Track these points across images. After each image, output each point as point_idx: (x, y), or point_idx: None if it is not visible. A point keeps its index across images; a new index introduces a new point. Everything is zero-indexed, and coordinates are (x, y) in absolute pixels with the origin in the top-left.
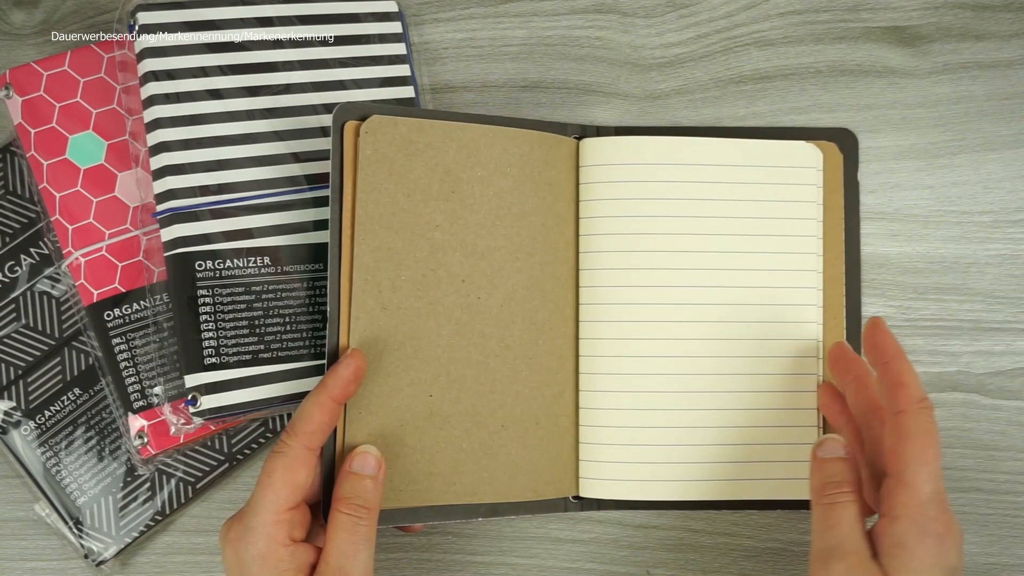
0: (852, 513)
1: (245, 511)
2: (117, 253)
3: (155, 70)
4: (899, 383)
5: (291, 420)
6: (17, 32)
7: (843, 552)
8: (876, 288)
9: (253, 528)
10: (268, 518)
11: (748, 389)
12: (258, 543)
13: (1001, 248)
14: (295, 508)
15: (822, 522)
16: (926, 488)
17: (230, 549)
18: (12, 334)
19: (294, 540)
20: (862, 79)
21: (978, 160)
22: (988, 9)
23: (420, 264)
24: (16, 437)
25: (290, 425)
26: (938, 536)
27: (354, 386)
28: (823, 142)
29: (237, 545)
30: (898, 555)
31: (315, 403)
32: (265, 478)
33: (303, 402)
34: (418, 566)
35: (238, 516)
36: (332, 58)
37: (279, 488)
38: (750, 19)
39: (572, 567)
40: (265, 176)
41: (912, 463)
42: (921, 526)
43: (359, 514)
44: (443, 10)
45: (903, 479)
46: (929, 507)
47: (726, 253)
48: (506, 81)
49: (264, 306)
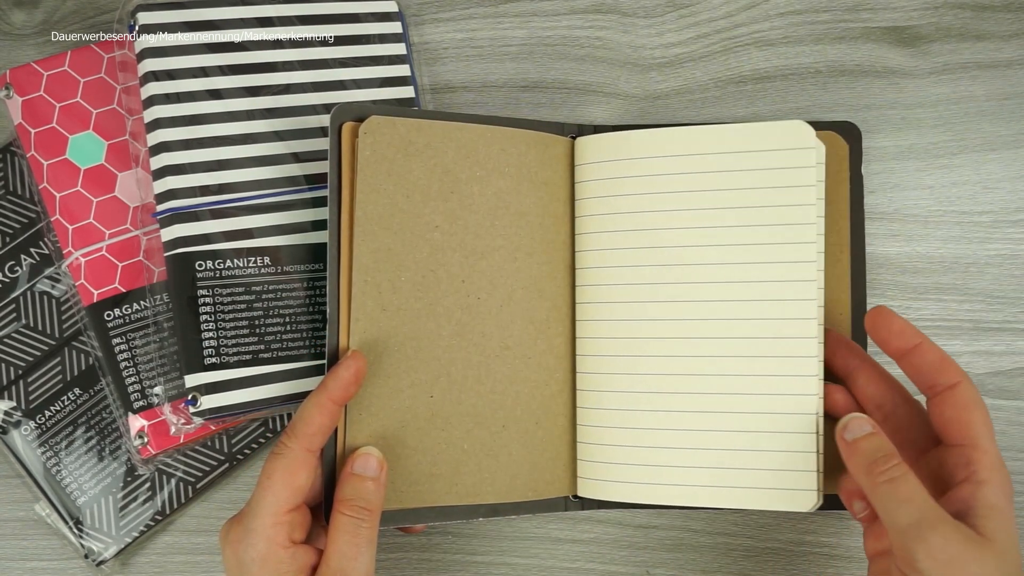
0: (915, 481)
1: (245, 513)
2: (117, 253)
3: (155, 70)
4: (943, 359)
5: (291, 422)
6: (17, 32)
7: (932, 521)
8: (876, 288)
9: (253, 530)
10: (268, 520)
11: (747, 391)
12: (258, 545)
13: (1001, 248)
14: (295, 510)
15: (891, 500)
16: (997, 453)
17: (230, 551)
18: (12, 334)
19: (294, 542)
20: (862, 79)
21: (978, 160)
22: (988, 9)
23: (420, 265)
24: (16, 437)
25: (290, 427)
26: (1011, 497)
27: (354, 388)
28: (826, 132)
29: (237, 547)
30: (993, 516)
31: (315, 405)
32: (265, 480)
33: (303, 404)
34: (418, 566)
35: (238, 518)
36: (332, 58)
37: (279, 490)
38: (750, 19)
39: (572, 567)
40: (265, 176)
41: (982, 430)
42: (1004, 488)
43: (361, 516)
44: (443, 10)
45: (980, 445)
46: (1005, 471)
47: (722, 246)
48: (506, 81)
49: (264, 306)
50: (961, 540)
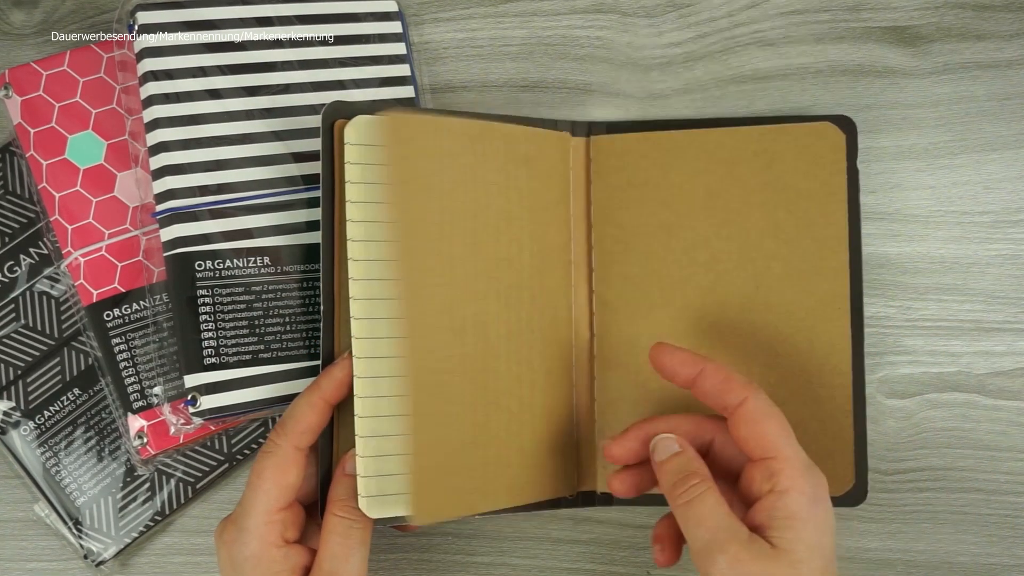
0: (712, 500)
1: (238, 512)
2: (117, 253)
3: (154, 70)
4: (726, 379)
5: (281, 419)
6: (17, 32)
7: (720, 541)
8: (876, 288)
9: (246, 529)
10: (260, 519)
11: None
12: (251, 544)
13: (1001, 248)
14: (287, 508)
15: (688, 521)
16: (802, 457)
17: (224, 550)
18: (12, 334)
19: (287, 541)
20: (862, 79)
21: (978, 160)
22: (988, 9)
23: None
24: (16, 437)
25: (280, 424)
26: (823, 501)
27: (347, 388)
28: (821, 123)
29: (231, 547)
30: (791, 526)
31: (307, 403)
32: (255, 479)
33: (294, 401)
34: (418, 566)
35: (232, 518)
36: (332, 58)
37: (269, 489)
38: (750, 19)
39: (572, 567)
40: (264, 176)
41: (781, 438)
42: (810, 495)
43: (353, 516)
44: (443, 10)
45: (781, 454)
46: (810, 474)
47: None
48: (506, 81)
49: (264, 306)
50: (751, 557)
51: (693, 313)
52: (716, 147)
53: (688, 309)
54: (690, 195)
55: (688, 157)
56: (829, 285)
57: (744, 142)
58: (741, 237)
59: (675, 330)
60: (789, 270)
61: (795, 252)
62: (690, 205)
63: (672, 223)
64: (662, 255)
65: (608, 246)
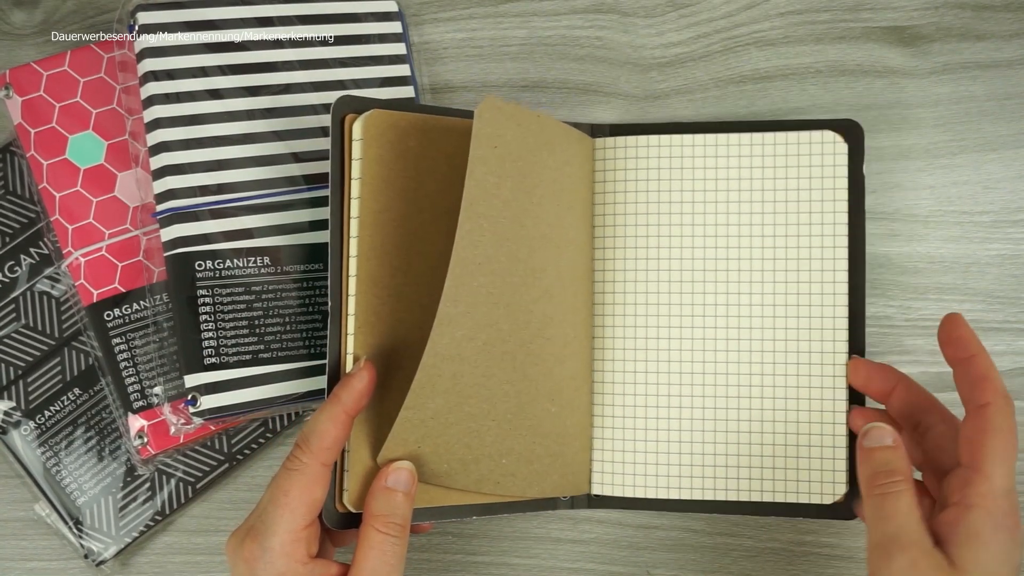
0: (907, 502)
1: (259, 530)
2: (117, 253)
3: (155, 70)
4: (985, 376)
5: (302, 435)
6: (17, 32)
7: (903, 543)
8: (876, 288)
9: (270, 548)
10: (286, 537)
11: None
12: (276, 563)
13: (1001, 248)
14: (310, 525)
15: (877, 513)
16: (1004, 482)
17: (244, 567)
18: (12, 334)
19: (311, 556)
20: (862, 79)
21: (978, 160)
22: (988, 9)
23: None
24: (16, 437)
25: (303, 441)
26: (1010, 530)
27: (367, 398)
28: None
29: (254, 565)
30: (971, 544)
31: (329, 418)
32: (281, 497)
33: (315, 417)
34: (418, 566)
35: (251, 534)
36: (332, 58)
37: (296, 507)
38: (750, 19)
39: (572, 567)
40: (265, 176)
41: (992, 456)
42: (996, 518)
43: (394, 532)
44: (443, 10)
45: (983, 470)
46: (1004, 501)
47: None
48: (506, 81)
49: (264, 306)
50: (928, 567)
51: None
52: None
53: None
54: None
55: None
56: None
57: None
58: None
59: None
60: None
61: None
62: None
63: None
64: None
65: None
